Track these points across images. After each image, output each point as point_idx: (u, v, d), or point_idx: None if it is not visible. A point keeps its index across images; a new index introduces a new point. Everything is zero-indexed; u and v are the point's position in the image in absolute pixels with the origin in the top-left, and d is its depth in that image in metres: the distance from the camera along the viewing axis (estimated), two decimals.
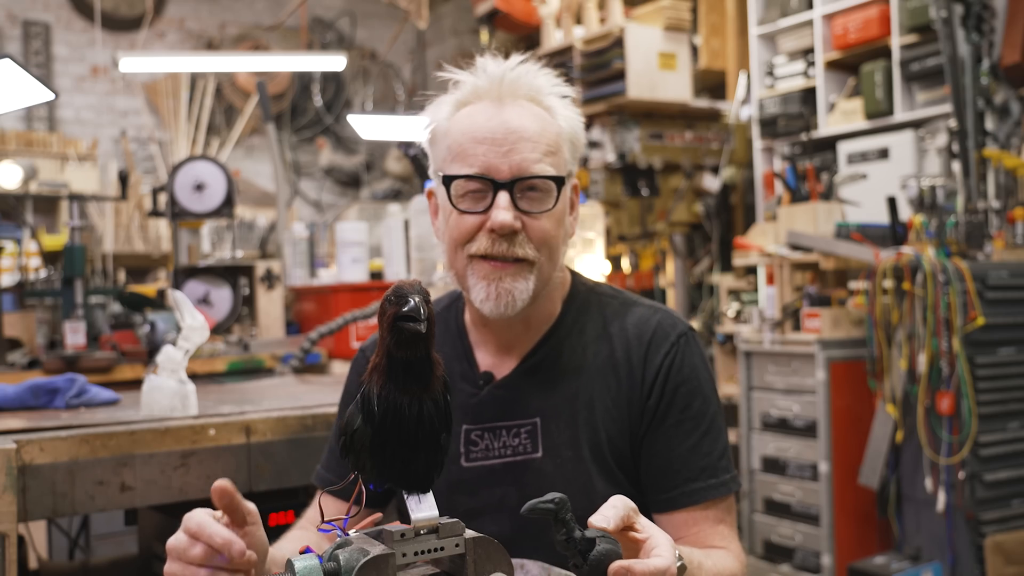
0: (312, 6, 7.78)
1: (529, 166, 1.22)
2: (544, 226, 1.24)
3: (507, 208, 1.21)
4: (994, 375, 3.16)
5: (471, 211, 1.23)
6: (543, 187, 1.23)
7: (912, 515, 3.26)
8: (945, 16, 3.66)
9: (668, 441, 1.26)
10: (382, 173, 8.09)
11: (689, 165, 5.20)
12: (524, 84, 1.27)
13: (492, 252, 1.22)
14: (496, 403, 1.30)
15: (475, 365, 1.34)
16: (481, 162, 1.22)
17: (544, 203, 1.23)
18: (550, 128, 1.26)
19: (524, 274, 1.23)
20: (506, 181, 1.21)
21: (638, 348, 1.29)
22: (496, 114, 1.24)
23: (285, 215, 4.37)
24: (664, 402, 1.27)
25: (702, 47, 5.52)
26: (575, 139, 1.30)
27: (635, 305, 1.35)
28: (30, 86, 2.77)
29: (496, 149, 1.21)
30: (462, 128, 1.25)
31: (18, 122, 6.80)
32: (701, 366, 1.30)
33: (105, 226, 6.35)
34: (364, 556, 0.89)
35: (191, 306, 1.75)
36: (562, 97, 1.30)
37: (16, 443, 1.52)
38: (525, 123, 1.23)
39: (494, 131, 1.22)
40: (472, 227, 1.23)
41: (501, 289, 1.22)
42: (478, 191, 1.23)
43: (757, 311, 3.83)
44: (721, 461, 1.26)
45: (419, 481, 0.96)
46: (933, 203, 3.56)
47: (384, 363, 0.93)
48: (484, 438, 1.29)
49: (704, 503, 1.24)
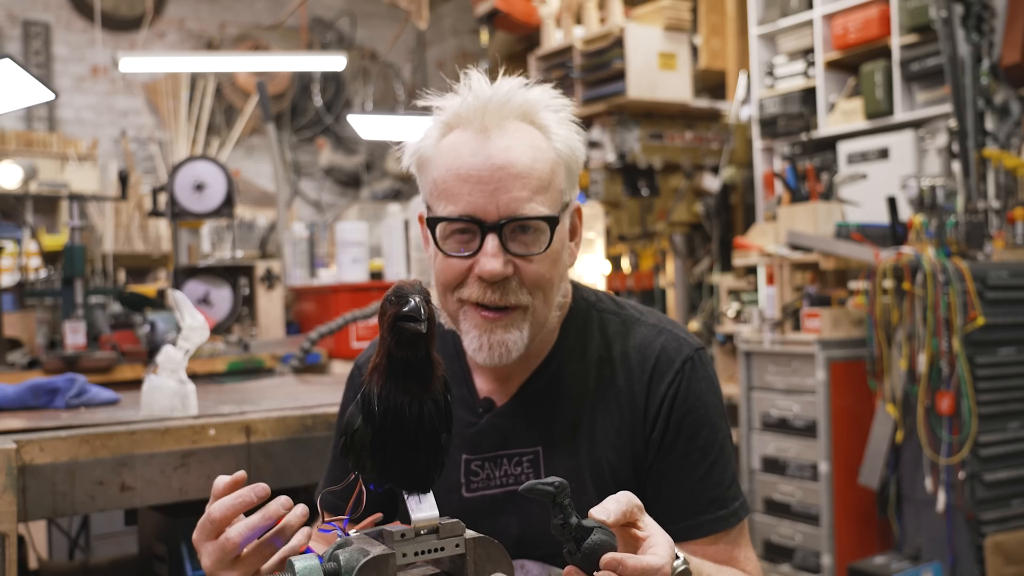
0: (312, 6, 7.78)
1: (519, 206, 1.12)
2: (537, 269, 1.15)
3: (495, 255, 1.12)
4: (994, 375, 3.16)
5: (458, 255, 1.15)
6: (535, 227, 1.14)
7: (912, 515, 3.26)
8: (945, 16, 3.66)
9: (675, 473, 1.21)
10: (382, 173, 8.10)
11: (689, 165, 5.20)
12: (515, 103, 1.17)
13: (484, 301, 1.15)
14: (496, 432, 1.25)
15: (474, 390, 1.28)
16: (466, 202, 1.12)
17: (536, 244, 1.15)
18: (543, 157, 1.16)
19: (518, 323, 1.16)
20: (494, 223, 1.12)
21: (640, 376, 1.23)
22: (481, 148, 1.13)
23: (285, 215, 4.37)
24: (670, 434, 1.21)
25: (702, 47, 5.52)
26: (572, 161, 1.20)
27: (637, 324, 1.28)
28: (30, 86, 2.77)
29: (482, 188, 1.12)
30: (446, 162, 1.15)
31: (18, 122, 6.80)
32: (709, 391, 1.24)
33: (105, 226, 6.35)
34: (364, 556, 0.89)
35: (191, 306, 1.75)
36: (557, 112, 1.20)
37: (16, 443, 1.52)
38: (513, 156, 1.13)
39: (479, 168, 1.12)
40: (460, 272, 1.15)
41: (494, 341, 1.16)
42: (465, 232, 1.14)
43: (757, 311, 3.83)
44: (730, 490, 1.22)
45: (419, 481, 0.96)
46: (933, 203, 3.56)
47: (384, 363, 0.94)
48: (484, 468, 1.25)
49: (713, 535, 1.21)
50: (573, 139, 1.20)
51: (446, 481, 1.25)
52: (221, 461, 1.71)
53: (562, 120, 1.20)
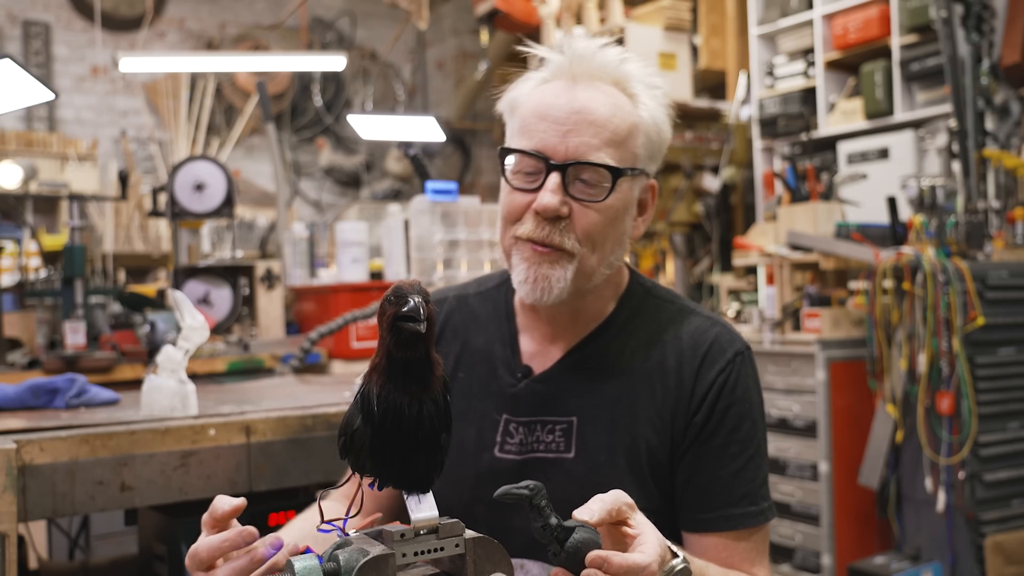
0: (312, 6, 7.78)
1: (586, 151, 1.16)
2: (591, 218, 1.18)
3: (555, 191, 1.16)
4: (994, 375, 3.16)
5: (522, 188, 1.19)
6: (597, 176, 1.17)
7: (912, 515, 3.26)
8: (945, 16, 3.66)
9: (713, 462, 1.21)
10: (382, 173, 8.10)
11: (689, 165, 5.20)
12: (611, 67, 1.21)
13: (534, 236, 1.18)
14: (534, 397, 1.26)
15: (518, 353, 1.29)
16: (539, 139, 1.17)
17: (595, 193, 1.17)
18: (624, 116, 1.19)
19: (563, 263, 1.18)
20: (559, 163, 1.16)
21: (692, 359, 1.23)
22: (565, 92, 1.19)
23: (285, 215, 4.37)
24: (713, 421, 1.21)
25: (702, 47, 5.52)
26: (655, 134, 1.23)
27: (693, 314, 1.29)
28: (30, 86, 2.77)
29: (556, 128, 1.16)
30: (532, 103, 1.20)
31: (18, 122, 6.80)
32: (754, 388, 1.25)
33: (105, 226, 6.35)
34: (364, 556, 0.89)
35: (191, 306, 1.75)
36: (651, 89, 1.23)
37: (16, 443, 1.52)
38: (594, 106, 1.17)
39: (558, 109, 1.17)
40: (521, 206, 1.19)
41: (539, 274, 1.18)
42: (532, 169, 1.18)
43: (757, 311, 3.83)
44: (762, 489, 1.22)
45: (419, 481, 0.96)
46: (933, 203, 3.56)
47: (384, 363, 0.93)
48: (519, 431, 1.25)
49: (739, 530, 1.20)
50: (660, 114, 1.23)
51: (479, 438, 1.27)
52: (221, 461, 1.71)
53: (654, 96, 1.24)
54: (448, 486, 1.28)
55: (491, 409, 1.27)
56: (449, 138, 4.97)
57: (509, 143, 1.23)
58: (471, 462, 1.25)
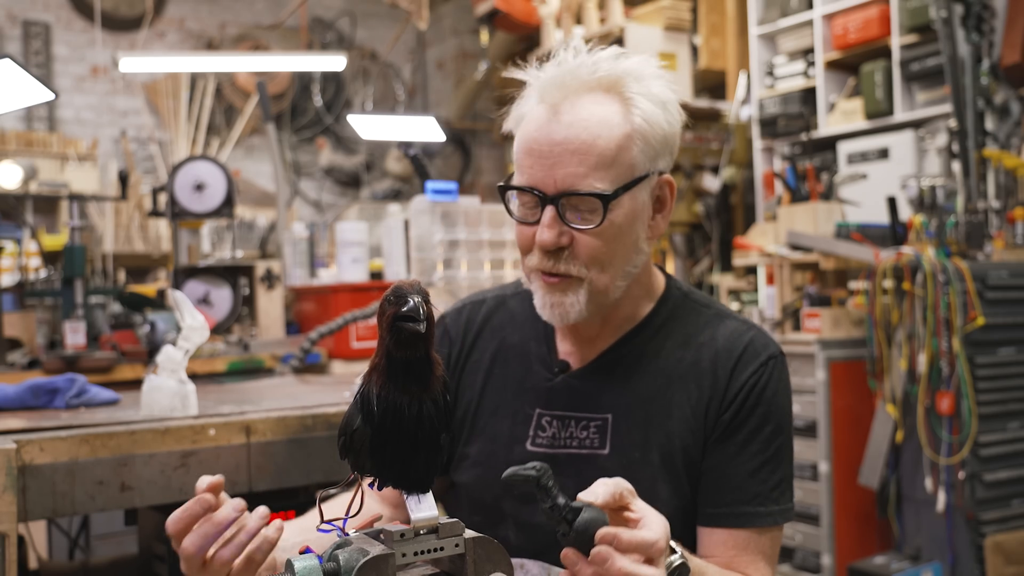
0: (312, 6, 7.79)
1: (574, 182, 1.17)
2: (592, 243, 1.19)
3: (550, 226, 1.18)
4: (994, 375, 3.16)
5: (525, 222, 1.22)
6: (589, 203, 1.18)
7: (912, 515, 3.26)
8: (945, 16, 3.66)
9: (730, 459, 1.23)
10: (382, 173, 8.10)
11: (689, 165, 5.20)
12: (599, 74, 1.19)
13: (543, 267, 1.21)
14: (569, 392, 1.28)
15: (554, 350, 1.32)
16: (528, 175, 1.20)
17: (590, 220, 1.18)
18: (611, 133, 1.17)
19: (574, 289, 1.21)
20: (551, 196, 1.18)
21: (726, 361, 1.25)
22: (547, 123, 1.18)
23: (285, 215, 4.37)
24: (738, 419, 1.23)
25: (702, 47, 5.52)
26: (652, 134, 1.20)
27: (729, 318, 1.31)
28: (30, 86, 2.77)
29: (542, 162, 1.18)
30: (521, 135, 1.22)
31: (18, 122, 6.80)
32: (783, 393, 1.27)
33: (105, 226, 6.35)
34: (364, 556, 0.89)
35: (191, 306, 1.75)
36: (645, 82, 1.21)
37: (16, 443, 1.52)
38: (575, 133, 1.17)
39: (541, 143, 1.18)
40: (528, 238, 1.22)
41: (553, 302, 1.22)
42: (531, 203, 1.22)
43: (757, 311, 3.83)
44: (774, 492, 1.23)
45: (418, 481, 0.96)
46: (933, 203, 3.56)
47: (384, 363, 0.93)
48: (553, 425, 1.27)
49: (747, 529, 1.21)
50: (656, 111, 1.21)
51: (511, 431, 1.29)
52: (221, 461, 1.71)
53: (649, 92, 1.21)
54: (479, 479, 1.29)
55: (524, 404, 1.29)
56: (449, 138, 4.97)
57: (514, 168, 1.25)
58: (502, 455, 1.27)
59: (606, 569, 0.90)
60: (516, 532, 1.25)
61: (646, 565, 0.92)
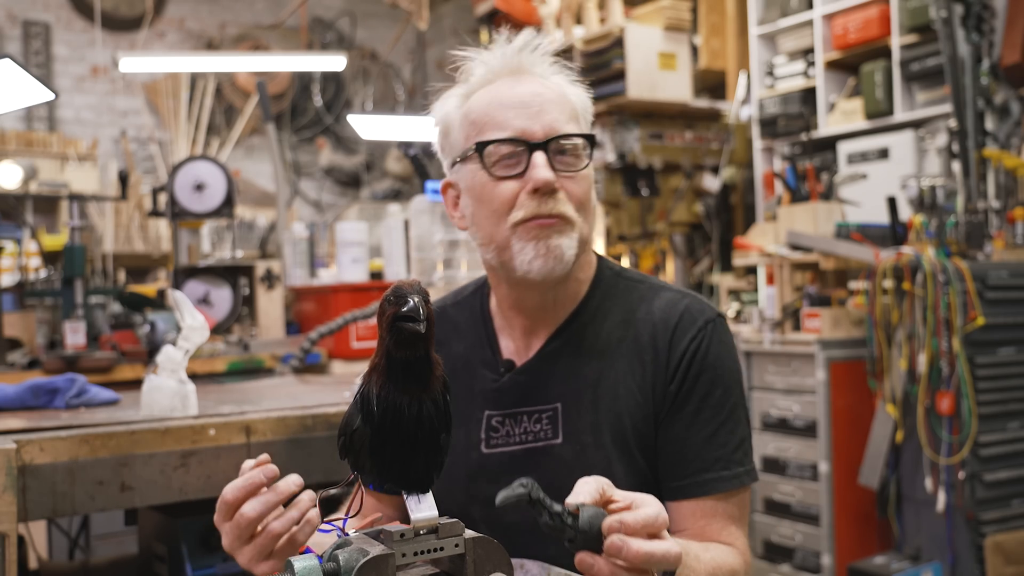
0: (312, 6, 7.79)
1: (560, 126, 1.22)
2: (580, 186, 1.24)
3: (546, 166, 1.20)
4: (994, 375, 3.16)
5: (507, 176, 1.22)
6: (574, 148, 1.24)
7: (912, 515, 3.26)
8: (945, 16, 3.66)
9: (685, 429, 1.23)
10: (382, 173, 8.10)
11: (689, 165, 5.20)
12: (532, 63, 1.28)
13: (539, 212, 1.21)
14: (517, 389, 1.29)
15: (498, 352, 1.32)
16: (513, 125, 1.21)
17: (577, 163, 1.24)
18: (566, 96, 1.27)
19: (568, 231, 1.22)
20: (540, 141, 1.21)
21: (664, 332, 1.27)
22: (517, 84, 1.25)
23: (285, 215, 4.37)
24: (685, 388, 1.24)
25: (702, 47, 5.52)
26: (586, 113, 1.30)
27: (663, 289, 1.33)
28: (30, 86, 2.77)
29: (526, 111, 1.22)
30: (484, 102, 1.25)
31: (18, 122, 6.80)
32: (726, 355, 1.28)
33: (105, 226, 6.35)
34: (364, 556, 0.89)
35: (191, 306, 1.75)
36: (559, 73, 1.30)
37: (16, 443, 1.52)
38: (543, 89, 1.25)
39: (520, 95, 1.23)
40: (512, 194, 1.22)
41: (551, 245, 1.21)
42: (512, 155, 1.22)
43: (757, 311, 3.83)
44: (736, 453, 1.24)
45: (419, 481, 0.96)
46: (933, 203, 3.56)
47: (383, 363, 0.93)
48: (505, 424, 1.28)
49: (715, 495, 1.22)
50: (583, 96, 1.31)
51: (467, 438, 1.29)
52: (221, 461, 1.71)
53: (568, 80, 1.30)
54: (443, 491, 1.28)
55: (474, 408, 1.30)
56: None
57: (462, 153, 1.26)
58: (461, 462, 1.28)
59: (624, 556, 0.90)
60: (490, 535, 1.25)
61: (658, 540, 0.92)
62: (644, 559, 0.90)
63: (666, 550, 0.92)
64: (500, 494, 0.91)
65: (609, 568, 0.91)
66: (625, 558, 0.90)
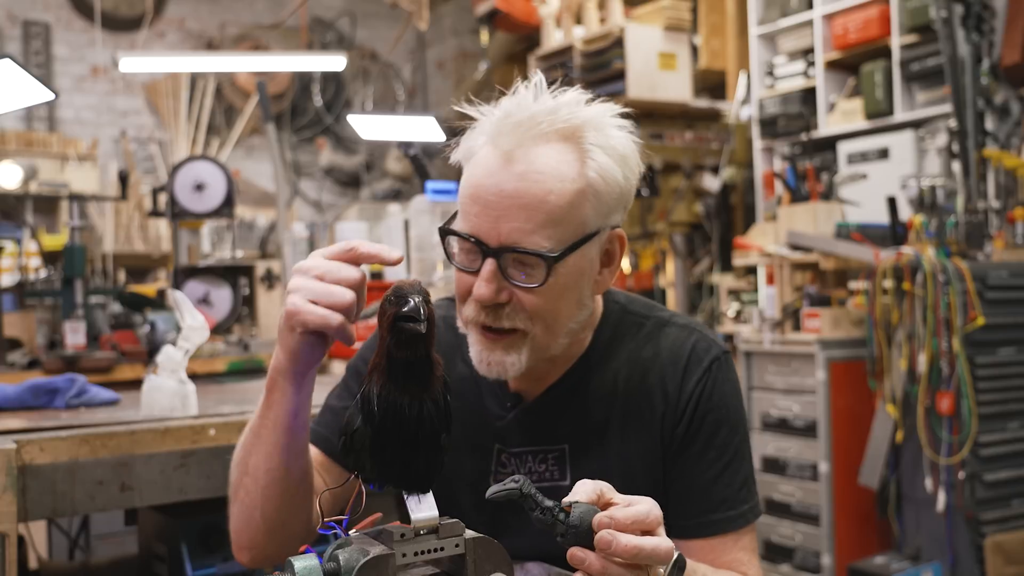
0: (312, 6, 7.78)
1: (519, 238, 1.10)
2: (535, 300, 1.13)
3: (489, 280, 1.11)
4: (994, 375, 3.16)
5: (465, 269, 1.16)
6: (532, 261, 1.11)
7: (912, 515, 3.26)
8: (945, 16, 3.66)
9: (691, 470, 1.23)
10: (382, 173, 8.10)
11: (689, 165, 5.20)
12: (558, 121, 1.12)
13: (484, 322, 1.15)
14: (523, 428, 1.26)
15: (504, 384, 1.28)
16: (473, 223, 1.12)
17: (533, 278, 1.12)
18: (563, 189, 1.10)
19: (516, 345, 1.15)
20: (494, 248, 1.11)
21: (673, 374, 1.25)
22: (497, 171, 1.11)
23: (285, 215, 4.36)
24: (692, 429, 1.23)
25: (702, 47, 5.52)
26: (605, 189, 1.13)
27: (668, 325, 1.29)
28: (30, 86, 2.77)
29: (488, 212, 1.11)
30: (469, 178, 1.15)
31: (18, 122, 6.80)
32: (731, 392, 1.26)
33: (105, 226, 6.35)
34: (364, 556, 0.89)
35: (191, 306, 1.75)
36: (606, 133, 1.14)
37: (16, 443, 1.52)
38: (526, 186, 1.10)
39: (488, 192, 1.11)
40: (466, 286, 1.16)
41: (492, 359, 1.16)
42: (470, 252, 1.14)
43: (757, 311, 3.83)
44: (741, 492, 1.23)
45: (419, 481, 0.96)
46: (933, 203, 3.56)
47: (384, 363, 0.93)
48: (512, 462, 1.26)
49: (721, 534, 1.22)
50: (612, 167, 1.13)
51: (479, 466, 1.27)
52: (221, 461, 1.71)
53: (608, 143, 1.14)
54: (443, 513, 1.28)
55: (483, 439, 1.28)
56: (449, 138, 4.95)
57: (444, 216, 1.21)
58: (468, 491, 1.25)
59: (613, 551, 0.90)
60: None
61: (648, 536, 0.93)
62: (634, 553, 0.90)
63: (656, 544, 0.92)
64: (491, 488, 0.92)
65: (600, 563, 0.91)
66: (615, 552, 0.90)
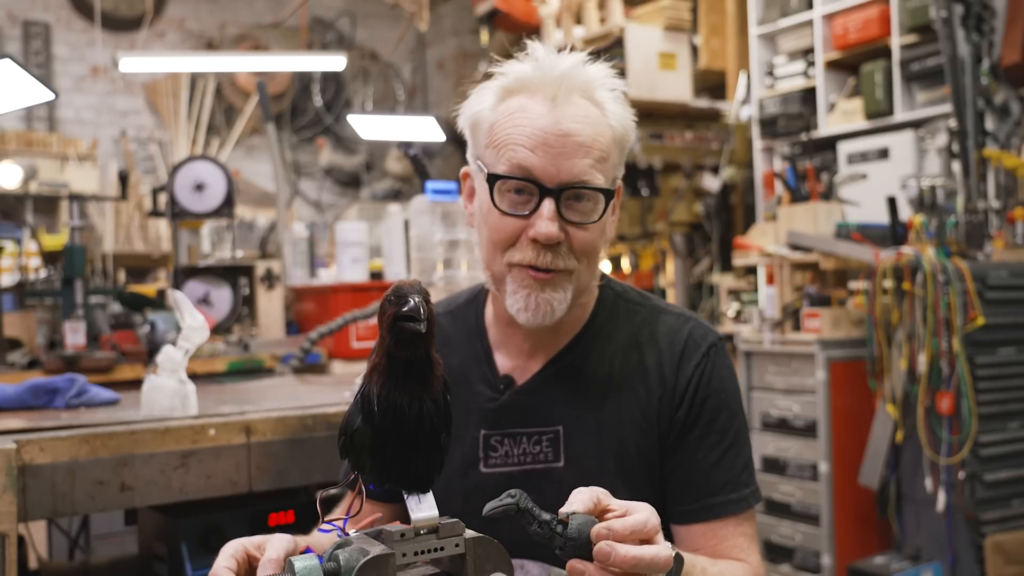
0: (312, 6, 7.78)
1: (580, 175, 1.15)
2: (588, 237, 1.19)
3: (552, 219, 1.15)
4: (994, 375, 3.16)
5: (513, 214, 1.17)
6: (591, 197, 1.17)
7: (912, 515, 3.26)
8: (945, 16, 3.66)
9: (692, 454, 1.24)
10: (382, 173, 8.10)
11: (689, 165, 5.20)
12: (579, 78, 1.19)
13: (537, 263, 1.17)
14: (517, 409, 1.26)
15: (494, 367, 1.30)
16: (530, 164, 1.15)
17: (591, 214, 1.18)
18: (602, 132, 1.18)
19: (564, 284, 1.19)
20: (554, 188, 1.15)
21: (670, 358, 1.26)
22: (549, 113, 1.16)
23: (285, 215, 4.37)
24: (692, 414, 1.24)
25: (702, 47, 5.52)
26: (624, 140, 1.23)
27: (664, 312, 1.31)
28: (30, 86, 2.77)
29: (547, 151, 1.14)
30: (512, 121, 1.17)
31: (18, 122, 6.80)
32: (729, 377, 1.28)
33: (105, 226, 6.35)
34: (364, 556, 0.89)
35: (191, 306, 1.75)
36: (612, 91, 1.22)
37: (16, 443, 1.52)
38: (579, 127, 1.16)
39: (547, 132, 1.15)
40: (513, 232, 1.17)
41: (540, 300, 1.18)
42: (522, 193, 1.17)
43: (757, 311, 3.83)
44: (742, 475, 1.24)
45: (419, 481, 0.96)
46: (933, 203, 3.56)
47: (384, 363, 0.93)
48: (504, 444, 1.26)
49: (723, 518, 1.22)
50: (626, 118, 1.23)
51: (464, 456, 1.27)
52: (221, 461, 1.71)
53: (616, 99, 1.22)
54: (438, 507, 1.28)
55: (471, 426, 1.28)
56: (449, 138, 4.97)
57: (485, 159, 1.21)
58: (458, 482, 1.26)
59: (612, 562, 0.90)
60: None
61: (647, 545, 0.93)
62: (633, 563, 0.90)
63: (655, 554, 0.92)
64: (488, 504, 0.92)
65: (599, 575, 0.91)
66: (614, 563, 0.90)
